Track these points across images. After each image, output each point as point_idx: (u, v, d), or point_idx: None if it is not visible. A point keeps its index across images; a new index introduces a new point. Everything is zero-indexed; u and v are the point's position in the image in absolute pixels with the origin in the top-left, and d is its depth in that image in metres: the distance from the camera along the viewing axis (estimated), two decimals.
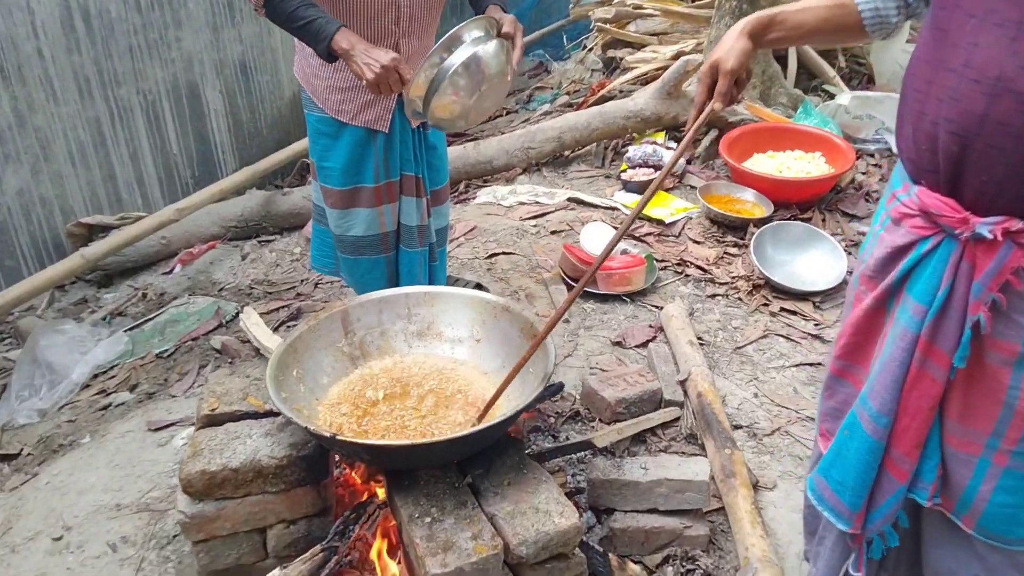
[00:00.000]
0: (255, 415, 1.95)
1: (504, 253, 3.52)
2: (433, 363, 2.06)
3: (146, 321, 3.44)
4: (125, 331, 3.33)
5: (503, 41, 2.09)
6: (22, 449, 2.69)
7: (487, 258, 3.50)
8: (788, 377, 2.80)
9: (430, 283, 2.68)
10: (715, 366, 2.82)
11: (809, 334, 3.01)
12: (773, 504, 2.30)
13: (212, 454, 1.82)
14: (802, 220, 3.64)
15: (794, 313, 3.14)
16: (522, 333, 2.01)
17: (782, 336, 3.01)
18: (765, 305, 3.18)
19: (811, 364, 2.86)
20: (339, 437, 1.63)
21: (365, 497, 2.02)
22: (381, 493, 1.88)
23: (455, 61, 1.98)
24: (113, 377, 3.04)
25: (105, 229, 3.96)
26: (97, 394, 2.95)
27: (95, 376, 3.07)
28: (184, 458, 1.82)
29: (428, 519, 1.68)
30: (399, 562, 1.83)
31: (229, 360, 2.97)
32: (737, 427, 2.56)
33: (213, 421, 1.94)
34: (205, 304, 3.43)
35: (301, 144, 4.40)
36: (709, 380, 2.60)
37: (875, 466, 1.40)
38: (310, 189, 4.24)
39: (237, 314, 3.23)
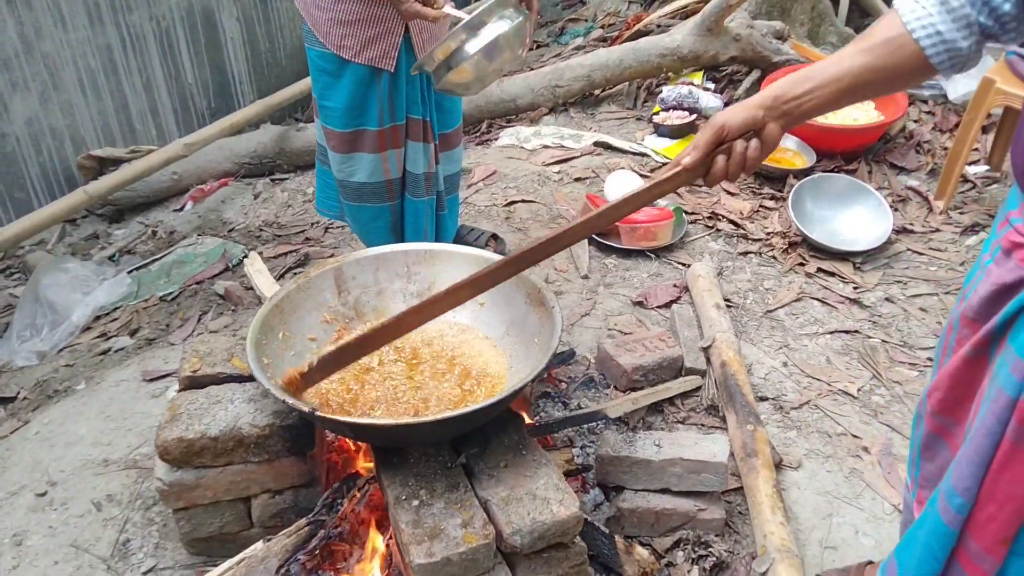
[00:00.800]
0: (239, 378, 1.82)
1: (524, 201, 3.33)
2: (432, 327, 1.90)
3: (153, 261, 3.33)
4: (130, 271, 3.22)
5: (526, 14, 1.98)
6: (19, 392, 2.61)
7: (505, 206, 3.31)
8: (821, 345, 2.61)
9: (438, 234, 2.51)
10: (743, 331, 2.63)
11: (847, 298, 2.80)
12: (796, 485, 2.14)
13: (191, 419, 1.71)
14: (846, 172, 3.39)
15: (832, 275, 2.92)
16: (528, 299, 1.84)
17: (817, 300, 2.80)
18: (801, 265, 2.97)
19: (847, 331, 2.66)
20: (319, 413, 1.49)
21: (357, 468, 1.90)
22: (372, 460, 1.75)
23: (478, 44, 1.90)
24: (115, 320, 2.94)
25: (116, 162, 3.83)
26: (97, 337, 2.85)
27: (97, 318, 2.97)
28: (161, 422, 1.71)
29: (416, 502, 1.55)
30: (390, 538, 1.72)
31: (232, 308, 2.85)
32: (763, 399, 2.39)
33: (195, 383, 1.82)
34: (213, 246, 3.31)
35: None
36: (735, 348, 2.42)
37: (942, 559, 1.12)
38: None
39: (244, 258, 3.10)
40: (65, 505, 2.01)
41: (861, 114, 3.62)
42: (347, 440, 2.01)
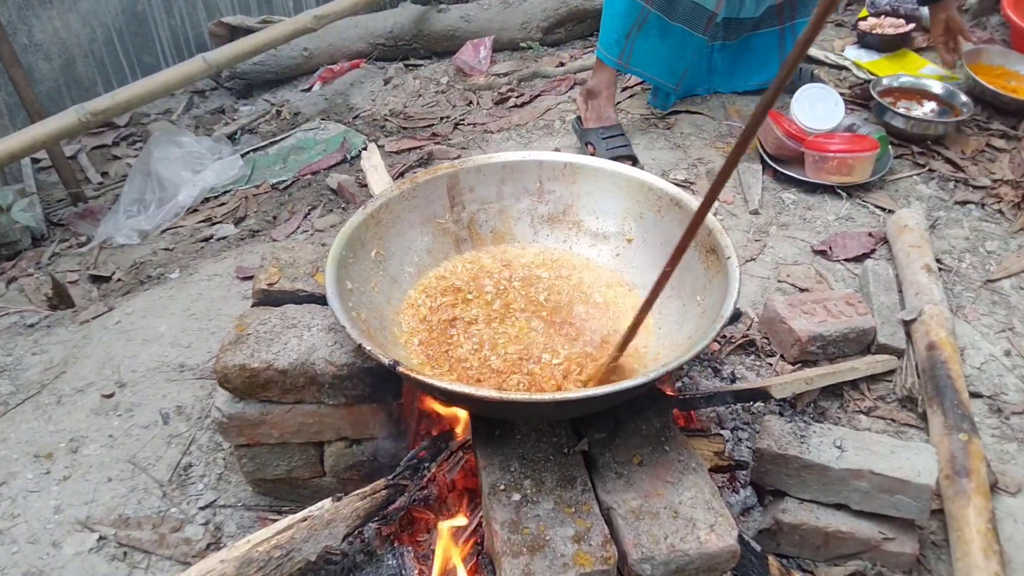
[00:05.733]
0: (322, 299, 1.48)
1: (687, 112, 2.79)
2: (562, 263, 1.49)
3: (272, 143, 3.07)
4: (245, 153, 2.97)
5: None
6: (114, 272, 2.43)
7: (663, 116, 2.79)
8: None
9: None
10: (956, 305, 2.07)
11: None
12: (1012, 517, 1.63)
13: (258, 344, 1.39)
14: None
15: None
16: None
17: None
18: None
19: None
20: (401, 368, 1.12)
21: (454, 424, 1.55)
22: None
23: None
24: (222, 204, 2.70)
25: (248, 31, 3.55)
26: (202, 222, 2.62)
27: (205, 200, 2.74)
28: (224, 341, 1.40)
29: (517, 496, 1.18)
30: (480, 523, 1.37)
31: (343, 205, 2.53)
32: (976, 395, 1.85)
33: (269, 299, 1.49)
34: (334, 133, 3.00)
35: None
36: (948, 327, 1.88)
37: None
38: (469, 8, 3.62)
39: (364, 149, 2.76)
40: (131, 412, 1.78)
41: None
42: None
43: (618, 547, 1.13)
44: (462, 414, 1.49)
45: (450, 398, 1.23)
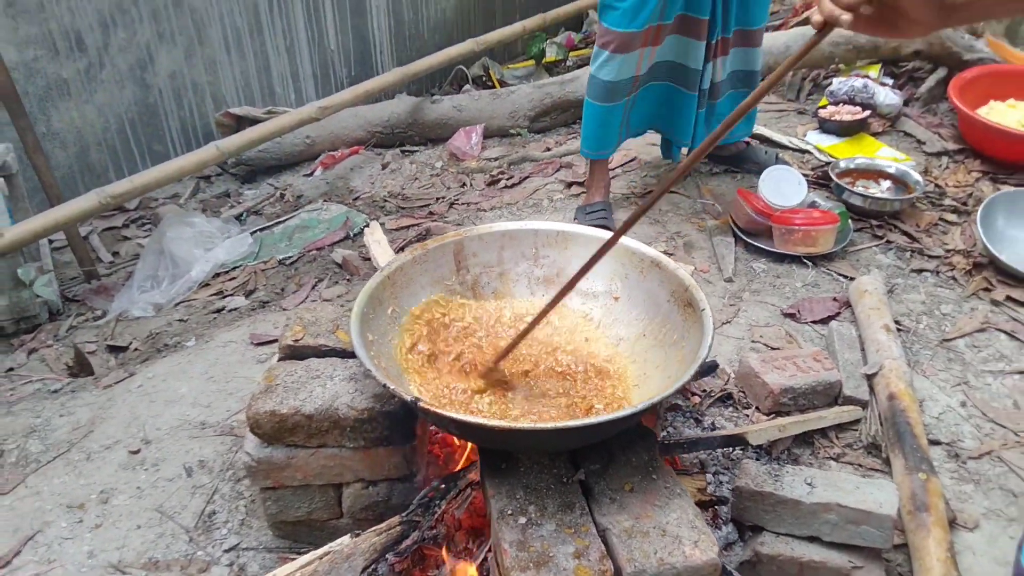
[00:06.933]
0: (342, 353, 1.65)
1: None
2: (557, 319, 1.67)
3: (277, 223, 3.27)
4: (253, 232, 3.16)
5: None
6: (131, 343, 2.58)
7: (643, 195, 3.03)
8: (1008, 386, 2.20)
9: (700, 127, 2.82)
10: (914, 360, 2.26)
11: None
12: (971, 550, 1.79)
13: (286, 393, 1.55)
14: None
15: None
16: (673, 297, 1.58)
17: (1005, 332, 2.39)
18: (987, 290, 2.55)
19: None
20: (422, 403, 1.28)
21: (462, 465, 1.70)
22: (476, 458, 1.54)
23: None
24: (233, 279, 2.88)
25: (254, 121, 3.80)
26: (214, 295, 2.79)
27: (216, 275, 2.92)
28: (255, 392, 1.56)
29: (523, 519, 1.32)
30: (489, 551, 1.51)
31: (347, 277, 2.72)
32: (935, 442, 2.02)
33: (295, 353, 1.66)
34: (336, 213, 3.21)
35: (458, 49, 4.03)
36: (907, 379, 2.07)
37: None
38: (460, 99, 3.91)
39: (366, 227, 2.97)
40: (156, 466, 1.91)
41: None
42: (452, 436, 1.82)
43: (613, 562, 1.27)
44: (469, 454, 1.64)
45: (463, 430, 1.39)
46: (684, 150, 3.00)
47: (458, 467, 1.69)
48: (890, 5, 1.14)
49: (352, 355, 1.63)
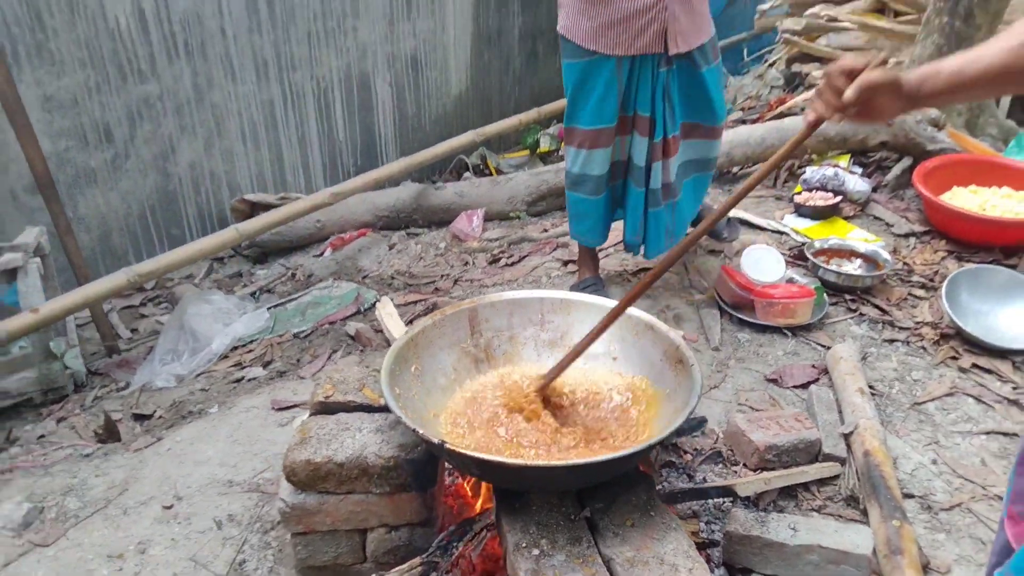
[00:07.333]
0: (368, 408, 1.83)
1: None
2: (562, 377, 1.86)
3: (291, 300, 3.47)
4: (268, 308, 3.36)
5: None
6: (155, 411, 2.73)
7: (635, 273, 3.26)
8: (976, 446, 2.38)
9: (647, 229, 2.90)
10: (888, 422, 2.45)
11: (1005, 398, 2.57)
12: None
13: (320, 444, 1.72)
14: (1006, 267, 3.15)
15: (989, 372, 2.69)
16: (665, 356, 1.77)
17: (972, 396, 2.58)
18: (954, 359, 2.75)
19: (1005, 434, 2.42)
20: (448, 445, 1.46)
21: (475, 513, 1.85)
22: (491, 505, 1.70)
23: None
24: (251, 352, 3.05)
25: (267, 207, 4.05)
26: (233, 366, 2.97)
27: (234, 348, 3.10)
28: (291, 443, 1.73)
29: (536, 551, 1.48)
30: None
31: (360, 348, 2.90)
32: (908, 496, 2.19)
33: (326, 409, 1.84)
34: (347, 290, 3.42)
35: (459, 140, 4.34)
36: (880, 437, 2.24)
37: None
38: (462, 186, 4.19)
39: (375, 302, 3.17)
40: (188, 520, 2.05)
41: (1023, 207, 3.40)
42: (464, 487, 1.98)
43: None
44: (483, 503, 1.80)
45: (483, 469, 1.56)
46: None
47: (470, 514, 1.85)
48: (868, 105, 1.40)
49: (377, 410, 1.81)
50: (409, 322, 2.96)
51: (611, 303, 1.94)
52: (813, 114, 1.47)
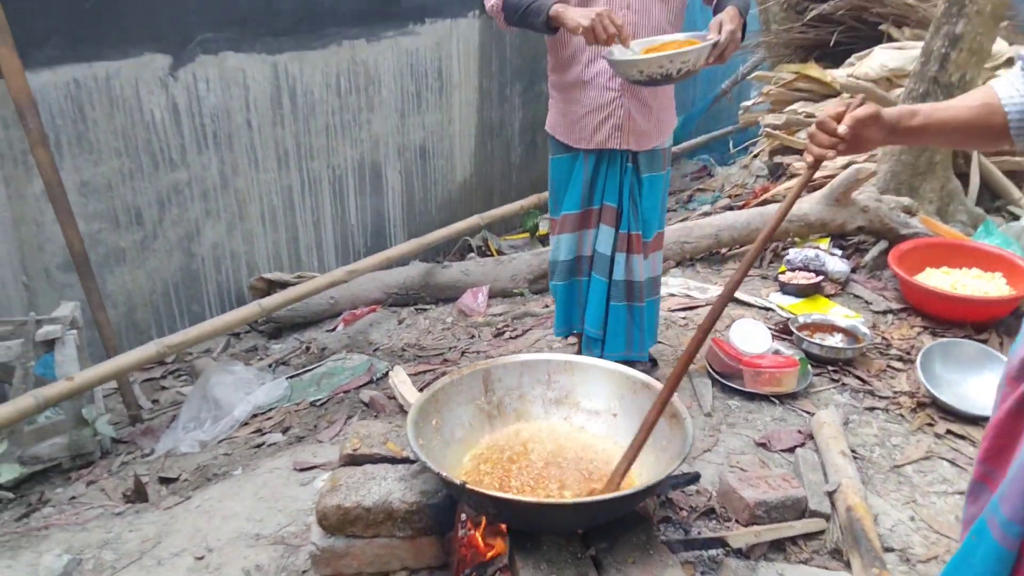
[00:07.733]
0: (392, 460, 2.02)
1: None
2: (567, 432, 2.06)
3: (306, 371, 3.67)
4: (287, 378, 3.55)
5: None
6: (180, 474, 2.90)
7: None
8: (951, 504, 2.56)
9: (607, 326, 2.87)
10: (869, 482, 2.63)
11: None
12: None
13: (349, 491, 1.90)
14: (978, 341, 3.38)
15: (962, 437, 2.89)
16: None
17: (947, 460, 2.77)
18: (930, 425, 2.95)
19: None
20: (468, 486, 1.65)
21: (488, 558, 2.02)
22: (503, 550, 1.87)
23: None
24: (270, 419, 3.23)
25: (283, 285, 4.30)
26: (254, 432, 3.14)
27: (254, 416, 3.28)
28: (323, 490, 1.91)
29: None
30: None
31: (375, 414, 3.09)
32: (889, 549, 2.35)
33: (354, 460, 2.02)
34: (360, 361, 3.62)
35: (466, 223, 4.63)
36: (861, 495, 2.42)
37: None
38: (467, 265, 4.45)
39: (387, 372, 3.37)
40: (219, 569, 2.20)
41: (992, 288, 3.65)
42: (477, 538, 2.14)
43: None
44: (496, 550, 1.97)
45: (501, 507, 1.74)
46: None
47: (483, 559, 2.01)
48: (857, 138, 1.61)
49: (400, 461, 2.00)
50: (421, 389, 3.16)
51: (611, 364, 2.16)
52: (811, 156, 1.69)
